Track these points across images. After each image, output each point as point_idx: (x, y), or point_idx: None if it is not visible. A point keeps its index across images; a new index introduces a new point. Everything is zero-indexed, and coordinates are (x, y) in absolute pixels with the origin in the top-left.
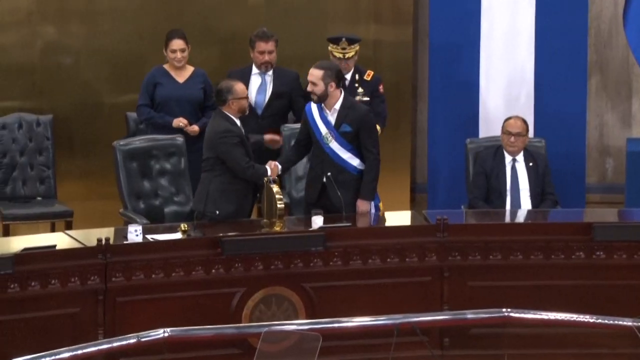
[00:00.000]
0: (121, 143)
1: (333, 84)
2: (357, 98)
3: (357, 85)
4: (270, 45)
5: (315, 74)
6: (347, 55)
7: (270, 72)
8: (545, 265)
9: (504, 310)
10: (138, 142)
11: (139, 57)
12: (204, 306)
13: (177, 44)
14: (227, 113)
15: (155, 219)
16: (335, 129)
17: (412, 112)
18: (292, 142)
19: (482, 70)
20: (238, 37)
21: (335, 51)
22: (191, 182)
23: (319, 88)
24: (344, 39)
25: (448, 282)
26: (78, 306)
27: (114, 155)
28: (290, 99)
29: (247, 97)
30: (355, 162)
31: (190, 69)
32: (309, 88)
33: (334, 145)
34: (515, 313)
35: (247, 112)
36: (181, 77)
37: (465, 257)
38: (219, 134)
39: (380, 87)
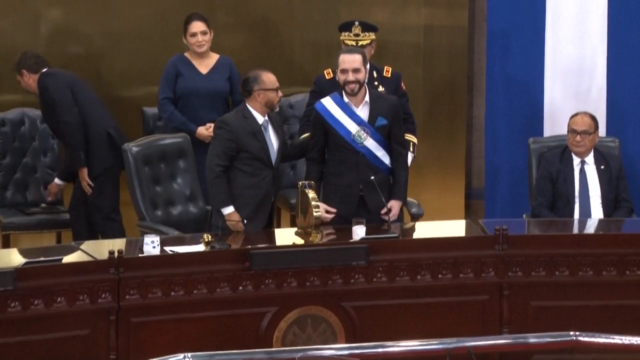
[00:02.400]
0: (132, 145)
1: (367, 70)
2: None
3: (376, 83)
4: None
5: (357, 59)
6: (360, 43)
7: None
8: (619, 283)
9: (571, 333)
10: (148, 142)
11: (160, 44)
12: (230, 328)
13: (197, 26)
14: (249, 107)
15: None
16: (371, 124)
17: (467, 108)
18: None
19: (547, 59)
20: (270, 22)
21: (347, 39)
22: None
23: (363, 75)
24: (356, 23)
25: (508, 301)
26: (88, 328)
27: (126, 159)
28: None
29: (277, 89)
30: (387, 160)
31: (214, 57)
32: (351, 77)
33: (370, 143)
34: (584, 337)
35: (277, 107)
36: (204, 66)
37: (528, 272)
38: (216, 124)
39: (402, 85)
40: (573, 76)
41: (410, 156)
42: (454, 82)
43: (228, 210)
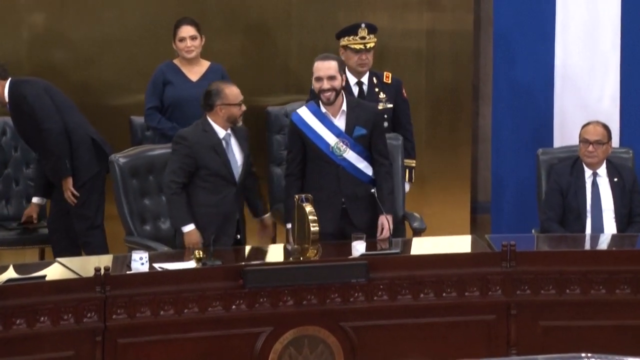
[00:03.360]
0: (119, 156)
1: (344, 78)
2: (380, 105)
3: (377, 90)
4: None
5: (332, 66)
6: (368, 46)
7: None
8: (633, 302)
9: (583, 355)
10: (136, 153)
11: (150, 50)
12: (222, 349)
13: (187, 30)
14: (210, 121)
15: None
16: (348, 135)
17: (472, 117)
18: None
19: (557, 66)
20: (264, 26)
21: (353, 43)
22: None
23: (339, 82)
24: (363, 26)
25: (516, 322)
26: (72, 349)
27: (112, 171)
28: None
29: (240, 104)
30: (369, 171)
31: (205, 64)
32: (326, 85)
33: (350, 155)
34: (596, 359)
35: (240, 122)
36: (194, 74)
37: (537, 291)
38: (173, 139)
39: (403, 91)
40: (584, 83)
41: (407, 186)
42: (458, 89)
43: (187, 228)
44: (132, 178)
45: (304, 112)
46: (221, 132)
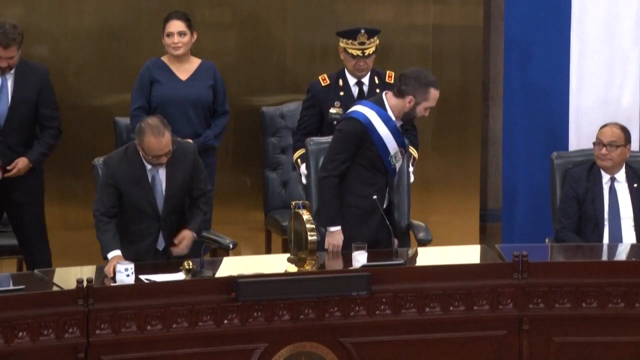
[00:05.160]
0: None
1: None
2: None
3: (379, 90)
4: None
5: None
6: (367, 52)
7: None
8: None
9: None
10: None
11: (134, 46)
12: None
13: (175, 25)
14: (139, 150)
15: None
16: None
17: (481, 118)
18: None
19: (572, 64)
20: (259, 21)
21: (351, 48)
22: None
23: None
24: (362, 31)
25: (528, 337)
26: None
27: (95, 175)
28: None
29: (157, 156)
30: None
31: (195, 62)
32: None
33: (398, 166)
34: None
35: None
36: (184, 72)
37: (551, 304)
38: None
39: None
40: (602, 82)
41: (411, 177)
42: (467, 89)
43: (112, 254)
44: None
45: (371, 114)
46: (148, 165)
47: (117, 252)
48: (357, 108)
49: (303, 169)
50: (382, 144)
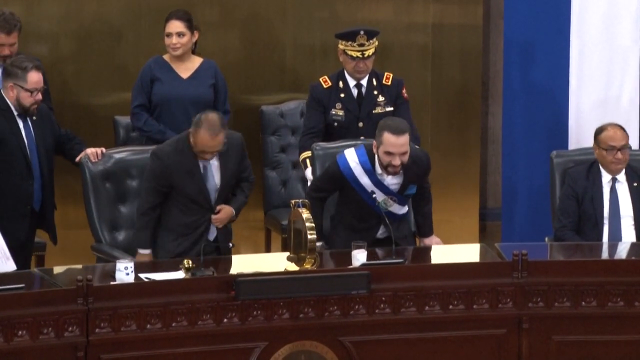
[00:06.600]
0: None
1: None
2: (379, 109)
3: (376, 93)
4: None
5: (405, 141)
6: (366, 53)
7: None
8: None
9: None
10: (115, 156)
11: (134, 45)
12: None
13: (174, 25)
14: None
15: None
16: (400, 194)
17: (481, 117)
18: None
19: (572, 63)
20: (259, 20)
21: (351, 50)
22: None
23: (408, 155)
24: (362, 32)
25: (528, 336)
26: None
27: (83, 174)
28: None
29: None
30: (406, 208)
31: (197, 61)
32: (397, 162)
33: (395, 208)
34: None
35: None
36: (185, 70)
37: (550, 303)
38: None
39: (404, 91)
40: (602, 82)
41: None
42: (466, 87)
43: (143, 252)
44: (104, 182)
45: (355, 165)
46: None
47: (149, 251)
48: (347, 153)
49: (308, 173)
50: (364, 191)
